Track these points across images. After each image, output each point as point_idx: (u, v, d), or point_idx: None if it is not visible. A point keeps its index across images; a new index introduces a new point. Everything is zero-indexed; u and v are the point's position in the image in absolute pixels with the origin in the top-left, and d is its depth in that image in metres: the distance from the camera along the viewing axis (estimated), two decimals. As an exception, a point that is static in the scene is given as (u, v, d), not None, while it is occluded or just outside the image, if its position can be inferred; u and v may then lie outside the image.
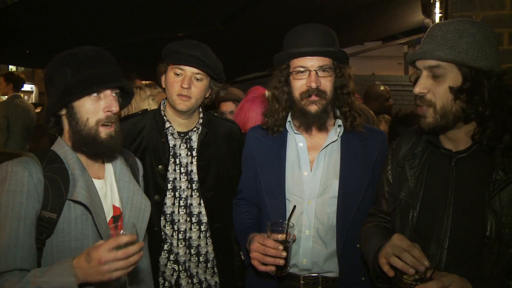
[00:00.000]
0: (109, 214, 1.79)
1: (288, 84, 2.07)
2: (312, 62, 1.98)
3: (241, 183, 2.32)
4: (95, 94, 1.68)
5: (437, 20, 5.09)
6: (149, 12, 4.47)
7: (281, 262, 1.82)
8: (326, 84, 2.00)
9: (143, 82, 4.52)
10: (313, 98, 1.98)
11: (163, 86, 2.35)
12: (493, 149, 1.53)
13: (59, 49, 1.76)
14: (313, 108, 1.99)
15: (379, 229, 1.84)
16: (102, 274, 1.44)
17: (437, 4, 4.62)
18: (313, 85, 1.96)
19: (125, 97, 1.86)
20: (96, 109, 1.68)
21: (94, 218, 1.67)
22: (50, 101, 1.70)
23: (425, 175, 1.67)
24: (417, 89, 1.57)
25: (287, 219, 1.92)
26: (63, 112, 1.71)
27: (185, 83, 2.21)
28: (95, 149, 1.71)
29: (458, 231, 1.55)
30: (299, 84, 2.01)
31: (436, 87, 1.55)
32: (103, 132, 1.70)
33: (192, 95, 2.24)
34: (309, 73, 1.98)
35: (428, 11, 5.15)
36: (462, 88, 1.52)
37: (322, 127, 2.06)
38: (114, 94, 1.73)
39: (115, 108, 1.71)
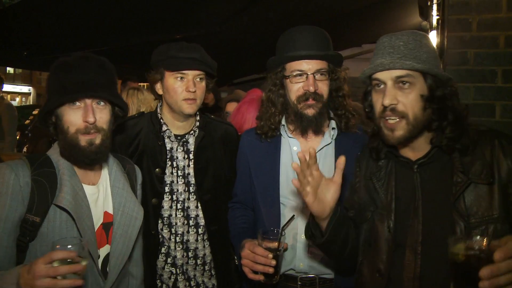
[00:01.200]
0: (99, 220, 1.78)
1: (284, 87, 2.06)
2: (310, 66, 1.97)
3: (236, 186, 2.31)
4: (77, 103, 1.66)
5: (434, 22, 5.11)
6: (147, 15, 4.47)
7: (270, 270, 1.82)
8: (323, 87, 1.99)
9: (141, 84, 4.52)
10: (310, 101, 1.97)
11: (159, 93, 2.33)
12: (452, 150, 1.55)
13: (56, 51, 1.78)
14: (310, 111, 1.98)
15: None
16: None
17: (434, 7, 4.64)
18: (311, 88, 1.95)
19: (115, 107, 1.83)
20: (75, 118, 1.66)
21: (77, 224, 1.65)
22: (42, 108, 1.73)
23: (393, 185, 1.67)
24: (387, 101, 1.53)
25: (281, 228, 1.92)
26: (54, 119, 1.72)
27: (192, 87, 2.20)
28: (76, 155, 1.69)
29: (430, 236, 1.55)
30: (295, 88, 1.99)
31: (405, 97, 1.53)
32: (83, 139, 1.67)
33: (197, 97, 2.25)
34: (307, 76, 1.97)
35: (425, 13, 5.17)
36: (432, 96, 1.53)
37: (318, 131, 2.05)
38: (96, 103, 1.69)
39: (91, 118, 1.66)
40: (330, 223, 1.69)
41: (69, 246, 1.41)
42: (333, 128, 2.08)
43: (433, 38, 5.74)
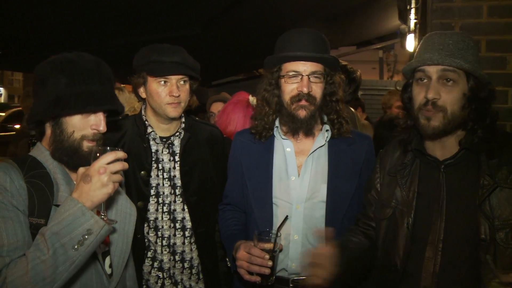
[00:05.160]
0: None
1: (279, 87, 2.06)
2: (305, 67, 1.97)
3: (227, 188, 2.30)
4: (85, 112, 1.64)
5: (411, 26, 5.21)
6: (128, 16, 4.42)
7: (267, 271, 1.82)
8: (317, 90, 2.00)
9: (122, 85, 4.46)
10: (303, 102, 1.98)
11: (143, 96, 2.30)
12: (481, 150, 1.61)
13: (33, 51, 1.70)
14: (302, 113, 1.99)
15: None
16: (105, 185, 1.47)
17: (412, 11, 4.73)
18: (305, 90, 1.96)
19: (110, 117, 1.81)
20: (84, 125, 1.64)
21: None
22: (38, 105, 1.62)
23: (417, 183, 1.73)
24: (431, 94, 1.59)
25: (276, 229, 1.92)
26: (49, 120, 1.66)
27: (175, 91, 2.18)
28: (76, 161, 1.65)
29: (452, 234, 1.62)
30: (290, 88, 2.00)
31: (448, 93, 1.59)
32: (86, 145, 1.65)
33: (181, 100, 2.23)
34: (302, 77, 1.97)
35: (404, 17, 5.27)
36: (474, 96, 1.60)
37: (309, 133, 2.06)
38: (104, 113, 1.68)
39: (102, 128, 1.66)
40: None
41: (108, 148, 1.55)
42: (327, 130, 2.09)
43: (411, 41, 5.86)
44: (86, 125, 1.64)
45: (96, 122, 1.65)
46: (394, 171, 1.82)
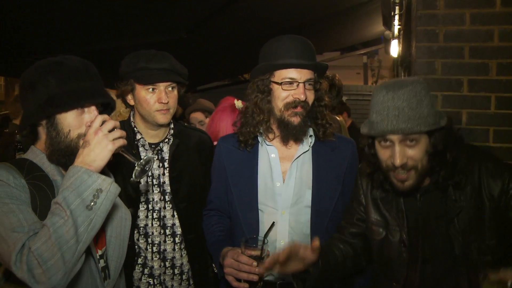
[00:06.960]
0: None
1: (270, 94, 2.05)
2: (301, 75, 1.98)
3: (211, 193, 2.29)
4: (85, 109, 1.65)
5: (396, 32, 5.29)
6: (112, 20, 4.39)
7: (255, 278, 1.84)
8: (310, 97, 2.02)
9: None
10: (298, 109, 1.98)
11: (131, 103, 2.30)
12: (447, 186, 1.72)
13: (15, 56, 1.69)
14: (296, 120, 1.99)
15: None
16: (104, 142, 1.50)
17: (396, 17, 4.80)
18: (302, 97, 1.96)
19: (104, 112, 1.81)
20: (79, 122, 1.64)
21: None
22: (30, 109, 1.62)
23: (402, 204, 1.83)
24: (399, 161, 1.62)
25: (263, 235, 1.93)
26: (43, 121, 1.65)
27: (164, 98, 2.18)
28: (73, 161, 1.62)
29: (433, 251, 1.76)
30: (284, 95, 1.99)
31: (413, 153, 1.63)
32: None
33: (170, 107, 2.23)
34: (298, 85, 1.97)
35: (388, 23, 5.34)
36: (435, 151, 1.66)
37: (299, 139, 2.07)
38: (97, 110, 1.69)
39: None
40: (311, 279, 1.82)
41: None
42: (310, 136, 2.11)
43: (395, 47, 5.95)
44: (81, 123, 1.64)
45: (90, 119, 1.65)
46: (376, 197, 1.91)
